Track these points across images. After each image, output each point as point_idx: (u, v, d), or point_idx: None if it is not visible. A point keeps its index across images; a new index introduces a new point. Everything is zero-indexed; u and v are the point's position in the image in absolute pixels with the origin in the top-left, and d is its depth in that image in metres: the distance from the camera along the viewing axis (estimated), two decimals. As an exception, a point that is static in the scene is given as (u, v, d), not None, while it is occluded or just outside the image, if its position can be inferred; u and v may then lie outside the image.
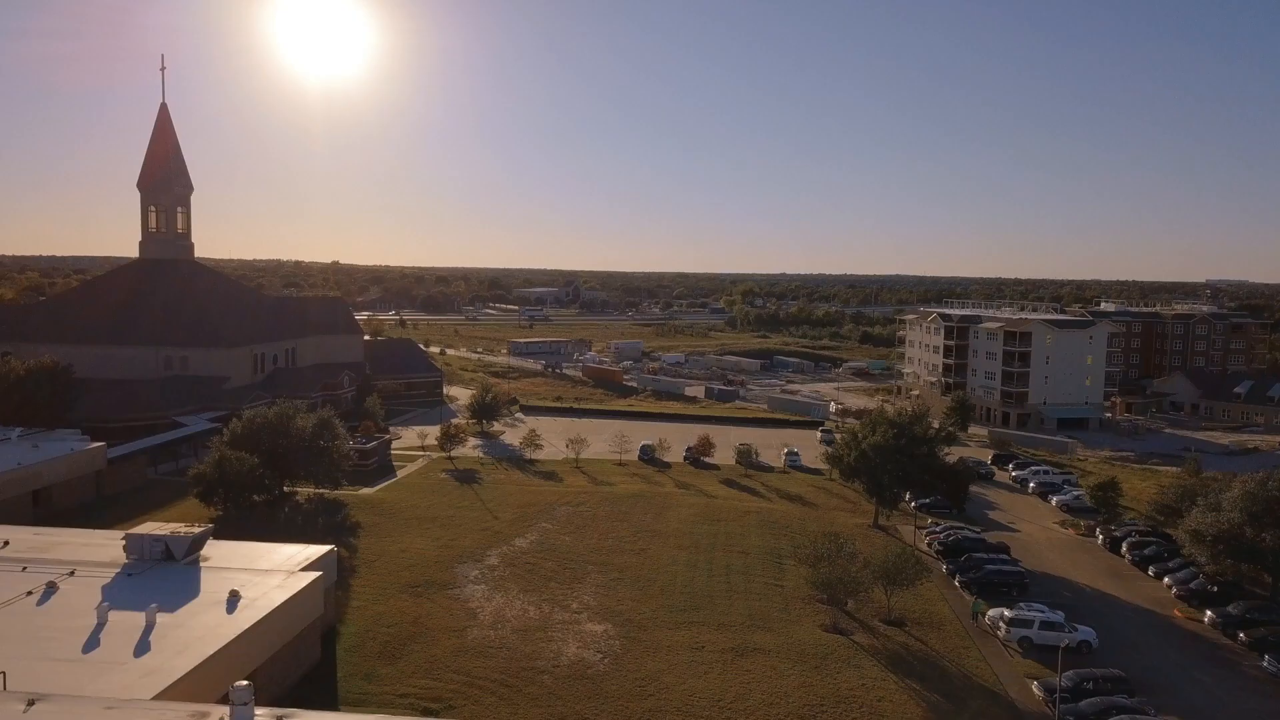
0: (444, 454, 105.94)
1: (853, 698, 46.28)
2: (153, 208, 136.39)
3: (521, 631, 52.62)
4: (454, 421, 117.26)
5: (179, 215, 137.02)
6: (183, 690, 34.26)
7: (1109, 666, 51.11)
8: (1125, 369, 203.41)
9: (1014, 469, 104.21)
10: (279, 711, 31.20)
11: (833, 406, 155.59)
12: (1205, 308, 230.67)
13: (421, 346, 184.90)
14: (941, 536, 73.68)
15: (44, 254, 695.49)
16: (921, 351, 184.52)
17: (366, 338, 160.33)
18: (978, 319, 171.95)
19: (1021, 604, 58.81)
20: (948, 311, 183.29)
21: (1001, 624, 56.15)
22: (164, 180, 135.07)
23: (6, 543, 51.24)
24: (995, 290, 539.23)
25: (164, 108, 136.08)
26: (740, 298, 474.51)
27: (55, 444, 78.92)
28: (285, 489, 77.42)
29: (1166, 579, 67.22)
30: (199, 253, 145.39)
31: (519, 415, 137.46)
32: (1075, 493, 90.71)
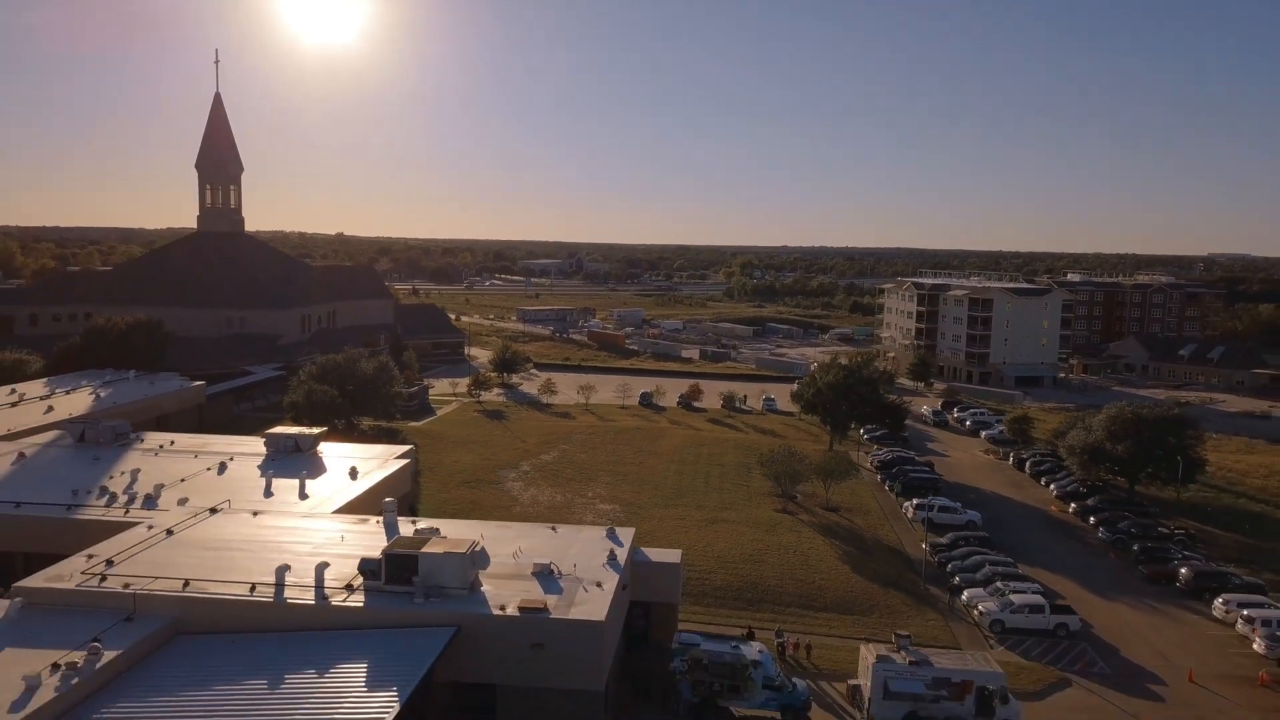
0: (473, 399, 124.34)
1: (791, 547, 64.80)
2: (208, 186, 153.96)
3: (551, 508, 71.06)
4: (481, 372, 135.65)
5: (231, 192, 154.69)
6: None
7: (984, 538, 69.54)
8: (1088, 334, 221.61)
9: (957, 412, 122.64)
10: (414, 519, 49.57)
11: (813, 366, 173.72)
12: (1164, 279, 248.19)
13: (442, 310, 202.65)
14: (881, 456, 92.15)
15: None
16: (898, 317, 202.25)
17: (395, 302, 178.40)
18: (947, 287, 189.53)
19: (930, 498, 77.26)
20: (920, 281, 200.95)
21: (909, 508, 74.68)
22: (218, 161, 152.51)
23: (173, 441, 69.60)
24: (993, 263, 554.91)
25: (218, 97, 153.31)
26: (739, 269, 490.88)
27: (165, 383, 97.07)
28: (353, 419, 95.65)
29: (1051, 485, 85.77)
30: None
31: (534, 370, 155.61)
32: (1000, 429, 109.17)
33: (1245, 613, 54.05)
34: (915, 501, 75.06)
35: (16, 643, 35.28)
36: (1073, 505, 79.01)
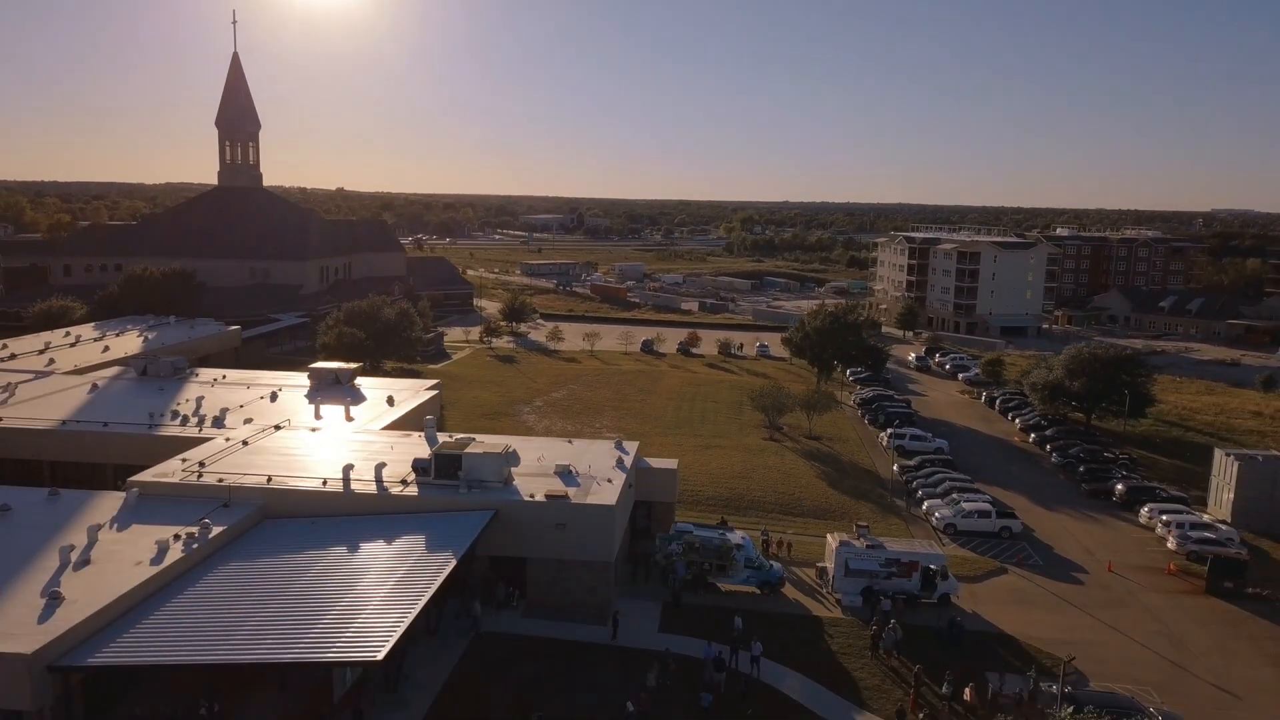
0: (485, 345, 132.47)
1: (775, 467, 73.31)
2: (227, 143, 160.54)
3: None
4: (491, 322, 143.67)
5: (250, 149, 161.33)
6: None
7: (949, 461, 78.00)
8: (1075, 287, 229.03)
9: (939, 357, 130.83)
10: (454, 433, 57.82)
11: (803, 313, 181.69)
12: (1149, 233, 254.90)
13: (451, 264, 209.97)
14: (863, 395, 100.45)
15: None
16: (890, 271, 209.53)
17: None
18: (937, 241, 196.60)
19: (904, 428, 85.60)
20: (911, 235, 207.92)
21: (884, 437, 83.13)
22: (237, 119, 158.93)
23: (225, 375, 77.82)
24: (993, 218, 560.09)
25: (235, 57, 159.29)
26: (739, 225, 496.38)
27: (204, 327, 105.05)
28: (378, 361, 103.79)
29: (1016, 419, 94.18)
30: (211, 179, 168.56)
31: (540, 320, 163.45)
32: (976, 371, 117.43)
33: (1164, 518, 62.59)
34: (889, 431, 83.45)
35: (141, 521, 43.72)
36: (1032, 436, 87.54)
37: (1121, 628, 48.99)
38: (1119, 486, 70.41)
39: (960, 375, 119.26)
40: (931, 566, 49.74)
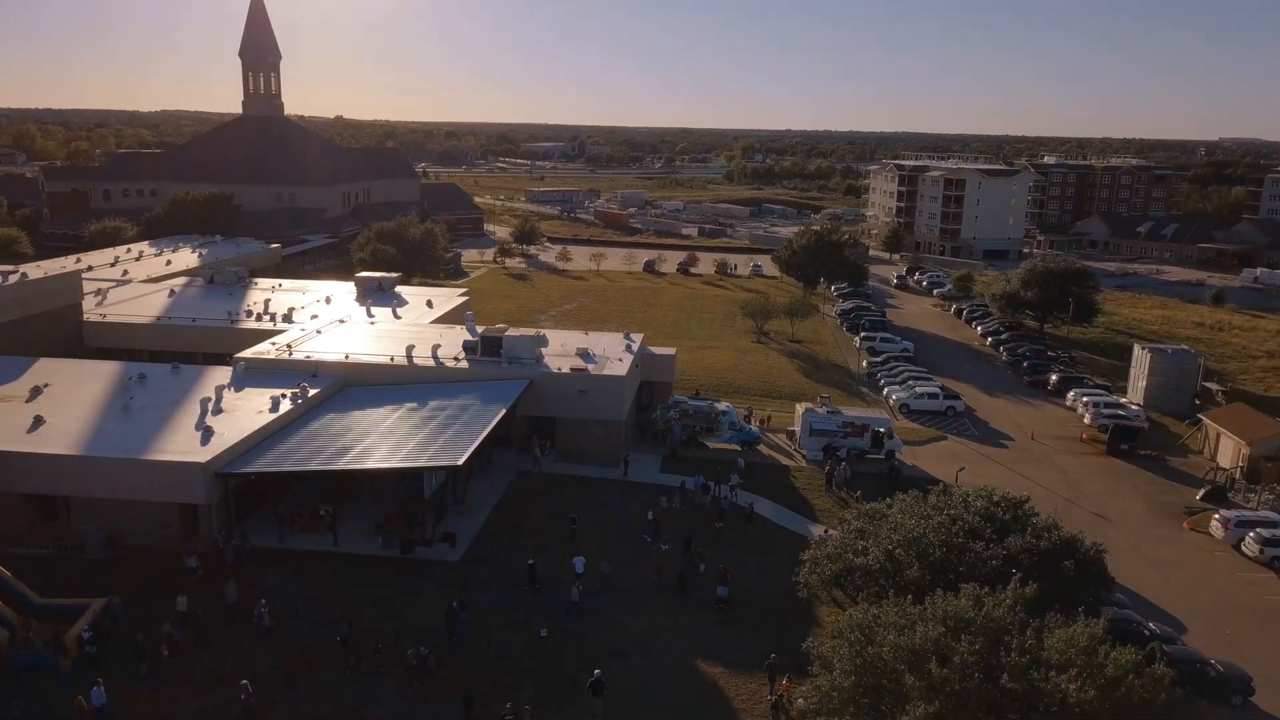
0: (499, 265, 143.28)
1: (760, 363, 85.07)
2: (250, 73, 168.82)
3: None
4: (503, 244, 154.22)
5: (272, 79, 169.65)
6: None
7: (911, 358, 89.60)
8: (1060, 213, 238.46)
9: (917, 275, 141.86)
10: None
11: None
12: (1133, 162, 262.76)
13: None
14: (844, 307, 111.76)
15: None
16: (881, 197, 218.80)
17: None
18: (926, 169, 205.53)
19: (875, 332, 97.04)
20: (901, 163, 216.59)
21: (858, 340, 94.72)
22: (259, 49, 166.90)
23: (281, 284, 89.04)
24: (995, 147, 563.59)
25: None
26: (740, 153, 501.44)
27: (248, 245, 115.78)
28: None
29: (979, 328, 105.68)
30: (207, 106, 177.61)
31: (548, 244, 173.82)
32: (949, 287, 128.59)
33: (1085, 399, 74.45)
34: (862, 335, 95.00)
35: (251, 385, 55.40)
36: (989, 340, 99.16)
37: (1031, 477, 61.07)
38: (1053, 377, 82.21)
39: (935, 291, 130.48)
40: (880, 429, 61.63)
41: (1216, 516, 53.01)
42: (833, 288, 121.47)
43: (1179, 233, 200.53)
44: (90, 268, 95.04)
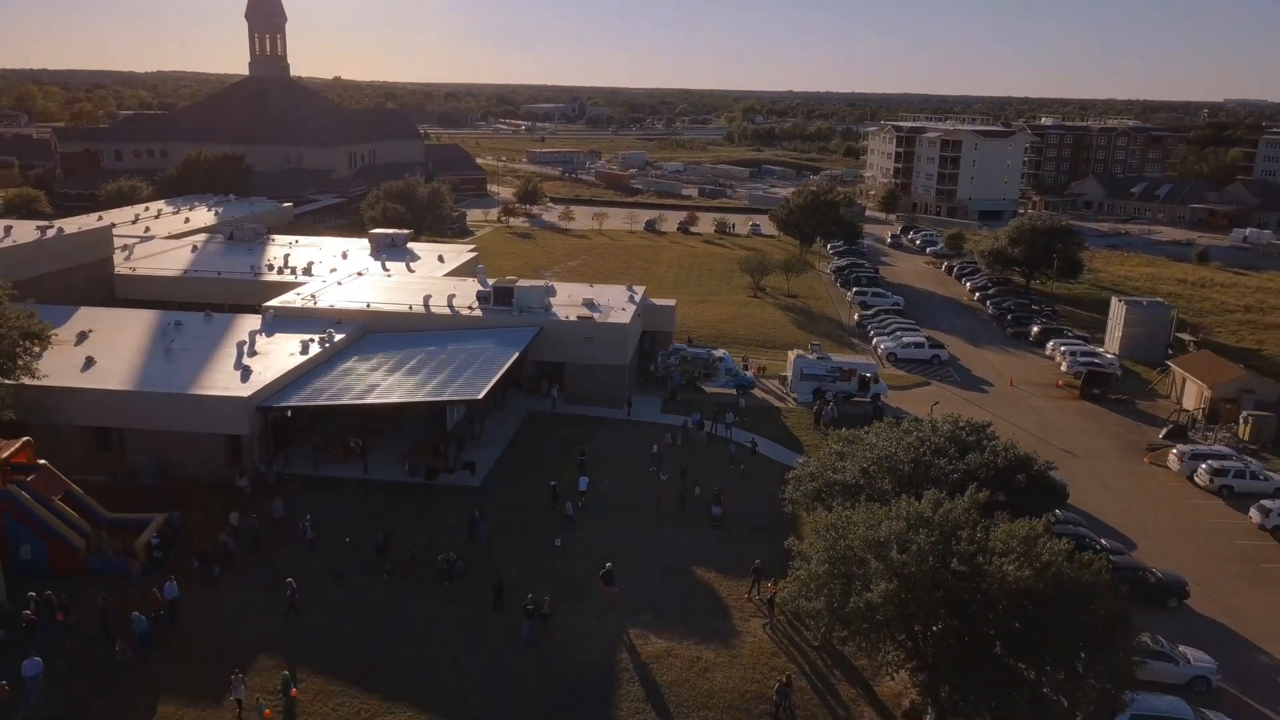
0: (503, 224, 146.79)
1: (756, 316, 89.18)
2: (257, 34, 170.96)
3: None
4: (507, 204, 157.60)
5: (279, 40, 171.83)
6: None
7: (901, 311, 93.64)
8: (1056, 174, 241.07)
9: (911, 235, 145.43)
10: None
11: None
12: (1130, 123, 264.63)
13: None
14: (838, 263, 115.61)
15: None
16: (879, 158, 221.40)
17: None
18: (923, 130, 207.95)
19: (867, 287, 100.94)
20: (899, 125, 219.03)
21: (851, 295, 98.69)
22: (266, 11, 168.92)
23: (297, 240, 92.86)
24: (997, 108, 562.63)
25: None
26: (740, 115, 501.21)
27: (261, 204, 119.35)
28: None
29: (968, 284, 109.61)
30: (204, 68, 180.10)
31: (550, 204, 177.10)
32: (941, 246, 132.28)
33: (1062, 349, 78.64)
34: (855, 290, 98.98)
35: (281, 331, 59.55)
36: (977, 294, 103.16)
37: (1007, 418, 65.37)
38: (1034, 328, 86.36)
39: (928, 249, 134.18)
40: (866, 374, 65.90)
41: (1174, 451, 57.45)
42: (828, 246, 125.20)
43: (1172, 194, 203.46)
44: (114, 225, 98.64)
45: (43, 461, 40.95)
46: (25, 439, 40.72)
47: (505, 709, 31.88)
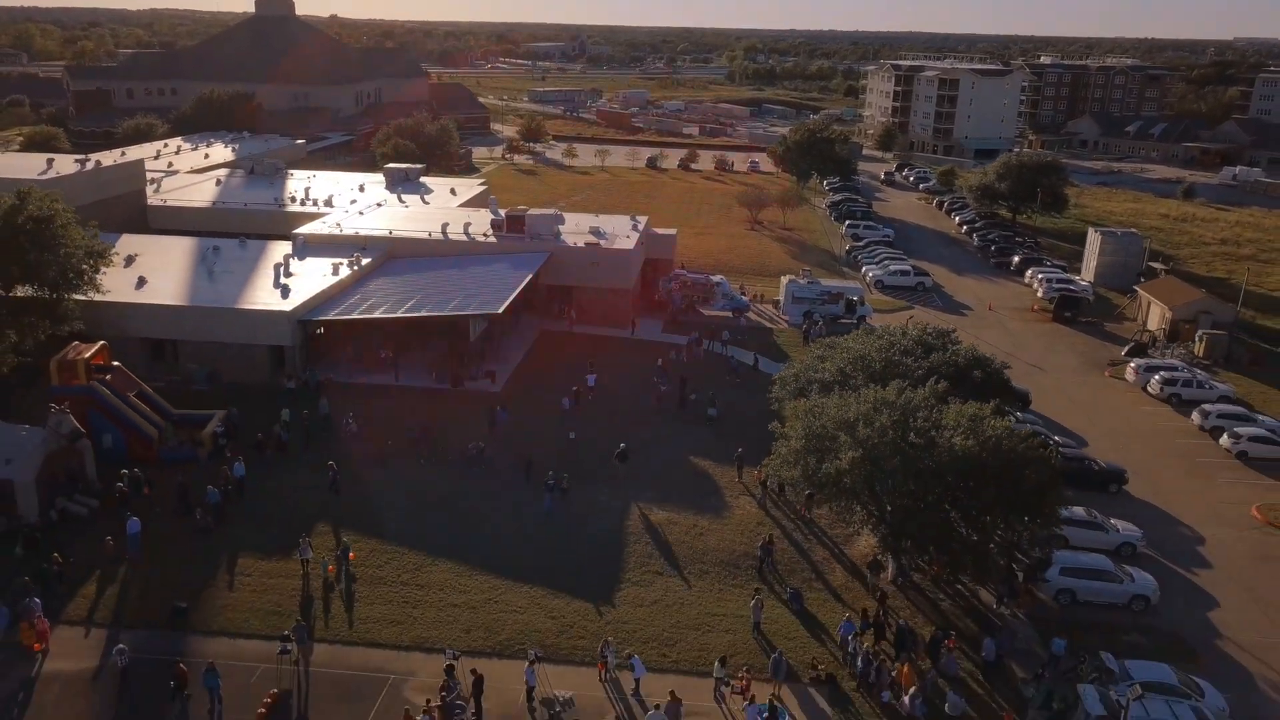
0: (507, 161, 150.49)
1: (753, 247, 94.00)
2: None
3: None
4: (511, 141, 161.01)
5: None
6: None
7: (890, 242, 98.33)
8: (1054, 113, 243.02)
9: (905, 172, 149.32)
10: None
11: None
12: (1128, 62, 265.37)
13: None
14: (833, 199, 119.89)
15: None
16: (878, 97, 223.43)
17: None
18: (921, 69, 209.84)
19: (859, 221, 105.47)
20: (898, 64, 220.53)
21: (844, 229, 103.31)
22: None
23: (315, 174, 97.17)
24: (1001, 47, 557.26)
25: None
26: (742, 54, 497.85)
27: (275, 141, 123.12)
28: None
29: (957, 218, 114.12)
30: (198, 5, 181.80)
31: (553, 141, 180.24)
32: (934, 182, 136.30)
33: (1039, 276, 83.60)
34: (848, 223, 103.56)
35: (311, 256, 64.48)
36: (965, 228, 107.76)
37: (983, 338, 70.43)
38: (1015, 258, 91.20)
39: (921, 186, 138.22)
40: (853, 297, 71.00)
41: (1131, 365, 62.83)
42: (825, 182, 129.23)
43: (1166, 132, 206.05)
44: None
45: (116, 364, 46.26)
46: (101, 343, 45.97)
47: (532, 561, 37.64)
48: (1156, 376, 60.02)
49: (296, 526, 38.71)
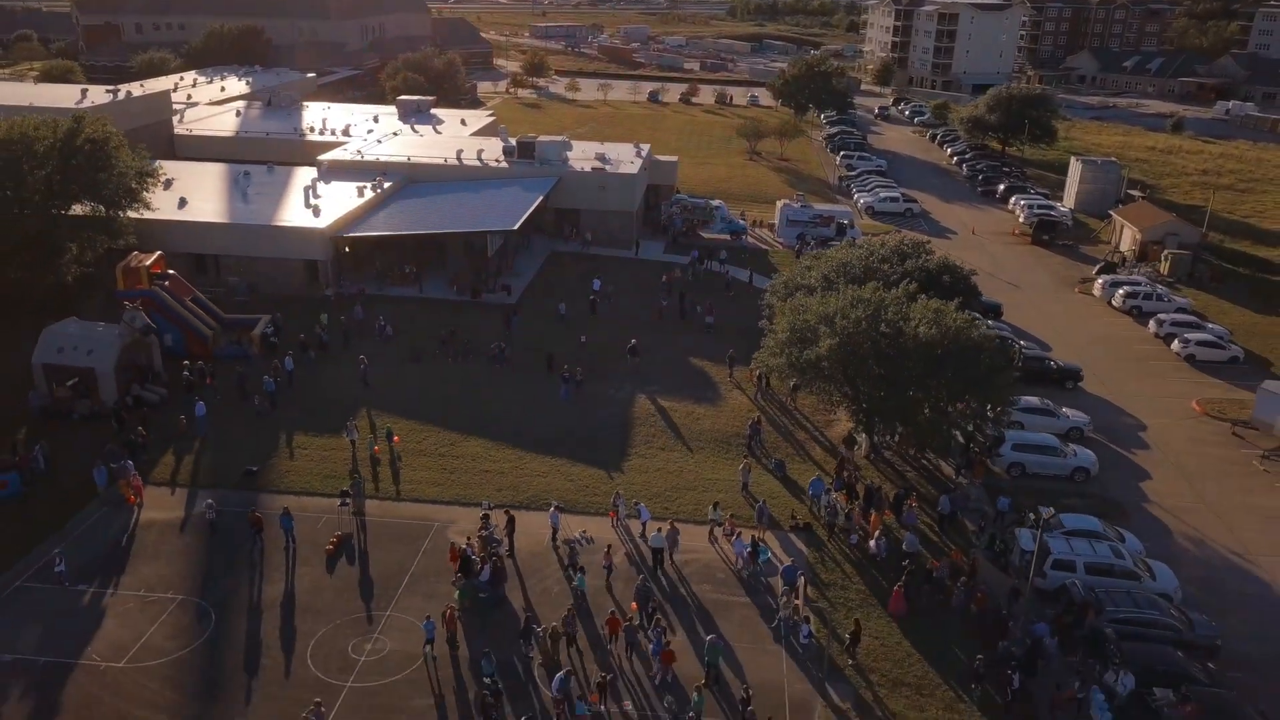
0: (511, 95, 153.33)
1: (751, 176, 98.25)
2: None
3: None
4: (515, 76, 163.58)
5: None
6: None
7: (884, 172, 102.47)
8: (1054, 49, 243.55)
9: (900, 106, 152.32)
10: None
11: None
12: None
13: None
14: (829, 132, 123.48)
15: None
16: (878, 33, 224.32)
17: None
18: (921, 3, 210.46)
19: (854, 152, 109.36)
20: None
21: (839, 159, 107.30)
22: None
23: (330, 106, 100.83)
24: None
25: None
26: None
27: (286, 74, 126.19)
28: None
29: (948, 149, 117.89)
30: None
31: (555, 76, 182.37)
32: (928, 115, 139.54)
33: (1021, 203, 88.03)
34: (842, 154, 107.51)
35: (336, 180, 68.96)
36: (955, 159, 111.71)
37: (964, 259, 75.11)
38: (1001, 186, 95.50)
39: (915, 119, 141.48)
40: (843, 220, 75.61)
41: (1099, 281, 67.79)
42: (822, 115, 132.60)
43: (1163, 67, 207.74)
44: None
45: (172, 272, 51.24)
46: (158, 252, 50.90)
47: (551, 437, 43.14)
48: (1120, 290, 64.99)
49: (341, 413, 44.08)
